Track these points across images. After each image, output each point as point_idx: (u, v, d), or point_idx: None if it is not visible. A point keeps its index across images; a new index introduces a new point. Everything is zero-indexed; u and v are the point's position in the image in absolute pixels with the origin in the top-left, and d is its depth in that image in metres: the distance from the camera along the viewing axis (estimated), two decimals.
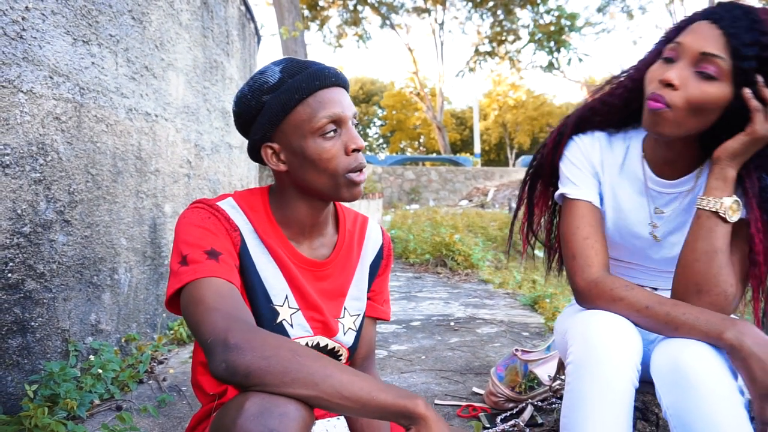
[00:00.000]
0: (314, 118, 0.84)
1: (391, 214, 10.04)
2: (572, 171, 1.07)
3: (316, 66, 0.88)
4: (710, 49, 0.85)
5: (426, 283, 4.21)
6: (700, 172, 1.00)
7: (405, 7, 23.54)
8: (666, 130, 0.90)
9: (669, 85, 0.87)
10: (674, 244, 1.04)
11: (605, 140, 1.09)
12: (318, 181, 0.88)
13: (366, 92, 40.31)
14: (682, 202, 1.03)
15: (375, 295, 1.08)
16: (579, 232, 1.02)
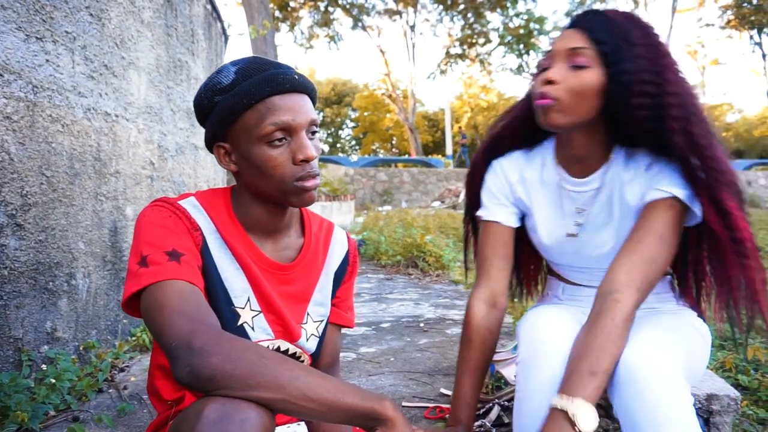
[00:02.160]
0: (261, 125, 0.82)
1: (363, 216, 10.01)
2: (486, 194, 1.17)
3: (273, 70, 0.85)
4: (576, 44, 0.97)
5: (397, 285, 4.20)
6: (608, 167, 1.05)
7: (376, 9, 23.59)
8: (558, 121, 0.98)
9: (550, 83, 0.97)
10: (604, 241, 1.08)
11: (523, 157, 1.17)
12: (265, 187, 0.86)
13: (338, 93, 40.17)
14: (599, 199, 1.07)
15: (340, 302, 1.06)
16: (487, 251, 1.14)
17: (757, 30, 28.55)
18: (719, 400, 1.10)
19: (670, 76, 0.94)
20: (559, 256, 1.16)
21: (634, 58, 0.94)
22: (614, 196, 1.05)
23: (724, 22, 28.84)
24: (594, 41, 0.95)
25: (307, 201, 0.87)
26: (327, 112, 40.26)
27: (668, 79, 0.93)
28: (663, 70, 0.94)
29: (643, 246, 0.93)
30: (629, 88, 0.93)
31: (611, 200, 1.06)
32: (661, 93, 0.93)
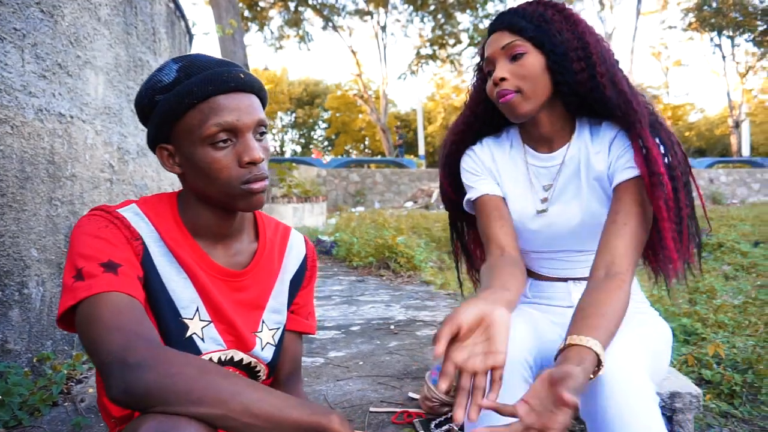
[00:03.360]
0: (204, 126, 0.78)
1: (335, 217, 9.96)
2: (468, 177, 1.19)
3: (217, 68, 0.81)
4: (504, 41, 1.05)
5: (368, 286, 4.18)
6: (573, 140, 1.11)
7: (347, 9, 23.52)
8: (525, 109, 1.04)
9: (502, 80, 1.04)
10: (573, 215, 1.10)
11: (491, 141, 1.21)
12: (211, 191, 0.82)
13: (310, 94, 39.93)
14: (565, 172, 1.11)
15: (299, 309, 1.03)
16: (485, 221, 1.13)
17: (717, 32, 29.52)
18: (682, 398, 1.11)
19: (589, 38, 1.03)
20: (531, 238, 1.16)
21: (558, 32, 1.03)
22: (581, 168, 1.10)
23: (686, 25, 29.75)
24: (518, 32, 1.04)
25: (255, 204, 0.84)
26: (299, 113, 39.99)
27: (590, 42, 1.03)
28: (582, 35, 1.03)
29: (631, 229, 0.96)
30: (566, 56, 1.02)
31: (578, 173, 1.10)
32: (589, 54, 1.02)
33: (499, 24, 1.08)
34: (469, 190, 1.19)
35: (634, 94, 1.03)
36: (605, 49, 1.05)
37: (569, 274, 1.15)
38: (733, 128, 28.29)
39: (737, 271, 4.47)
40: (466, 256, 1.37)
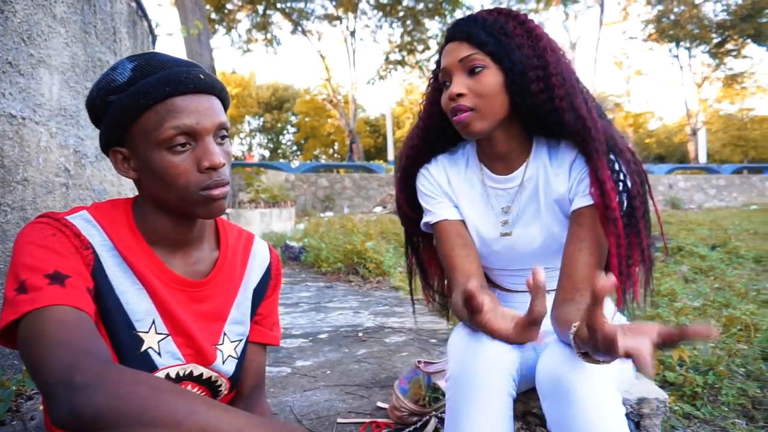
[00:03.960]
0: (160, 129, 0.74)
1: (304, 222, 9.87)
2: (426, 200, 1.15)
3: (175, 68, 0.77)
4: (463, 53, 1.00)
5: (337, 293, 4.13)
6: (530, 161, 1.08)
7: (316, 13, 23.42)
8: (479, 128, 1.00)
9: (459, 95, 0.99)
10: (533, 237, 1.08)
11: (447, 161, 1.17)
12: (168, 197, 0.78)
13: (278, 98, 39.64)
14: (525, 194, 1.08)
15: (262, 319, 0.98)
16: (446, 250, 1.09)
17: (675, 43, 30.68)
18: (649, 404, 1.11)
19: (550, 57, 0.98)
20: (494, 258, 1.14)
21: (518, 48, 0.98)
22: (540, 189, 1.07)
23: (646, 36, 30.84)
24: (477, 45, 0.98)
25: (215, 211, 0.80)
26: (267, 117, 39.65)
27: (549, 61, 0.98)
28: (543, 53, 0.98)
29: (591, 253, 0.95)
30: (525, 76, 0.97)
31: (537, 194, 1.07)
32: (548, 75, 0.97)
33: (458, 33, 1.02)
34: (426, 213, 1.15)
35: (593, 119, 0.98)
36: (566, 69, 1.00)
37: None
38: (691, 136, 29.39)
39: (696, 274, 4.60)
40: (421, 271, 1.34)
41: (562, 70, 0.99)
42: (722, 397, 1.91)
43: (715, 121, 36.44)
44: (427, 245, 1.30)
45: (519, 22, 1.01)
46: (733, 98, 34.13)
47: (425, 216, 1.15)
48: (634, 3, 30.73)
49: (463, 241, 1.09)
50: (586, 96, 1.01)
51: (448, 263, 1.08)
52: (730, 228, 7.91)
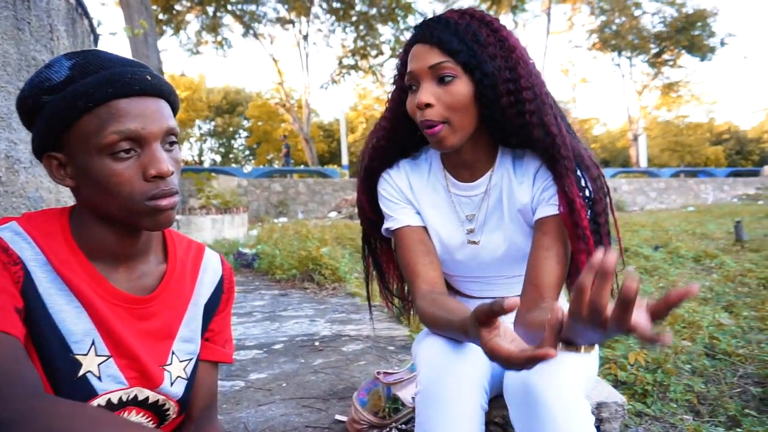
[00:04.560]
0: (102, 133, 0.68)
1: (257, 229, 9.67)
2: (387, 204, 1.12)
3: (119, 68, 0.71)
4: (433, 60, 0.95)
5: (292, 301, 4.04)
6: (495, 169, 1.06)
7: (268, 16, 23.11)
8: (452, 142, 0.97)
9: (427, 105, 0.95)
10: (497, 245, 1.07)
11: (409, 166, 1.14)
12: (110, 207, 0.72)
13: (230, 102, 38.89)
14: (489, 202, 1.07)
15: (214, 336, 0.93)
16: (407, 257, 1.06)
17: (617, 52, 32.18)
18: (608, 407, 1.12)
19: (521, 70, 0.96)
20: (456, 265, 1.13)
21: (491, 59, 0.95)
22: (503, 198, 1.05)
23: (591, 45, 32.17)
24: (449, 53, 0.94)
25: (162, 223, 0.74)
26: (218, 121, 38.83)
27: (521, 74, 0.95)
28: (516, 66, 0.96)
29: (555, 262, 0.95)
30: (496, 89, 0.95)
31: (500, 203, 1.06)
32: (519, 89, 0.95)
33: (428, 37, 0.96)
34: (387, 218, 1.12)
35: (563, 135, 0.96)
36: (537, 83, 0.97)
37: (497, 294, 1.13)
38: (633, 141, 30.85)
39: (642, 274, 4.78)
40: (379, 274, 1.30)
41: (534, 83, 0.96)
42: (671, 393, 1.97)
43: (655, 127, 38.45)
44: (386, 248, 1.28)
45: (492, 30, 0.97)
46: (670, 106, 36.15)
47: (386, 221, 1.12)
48: (579, 13, 32.00)
49: (425, 248, 1.07)
50: (556, 111, 0.99)
51: (411, 270, 1.05)
52: (670, 229, 8.29)
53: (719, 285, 3.97)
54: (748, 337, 2.64)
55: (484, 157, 1.06)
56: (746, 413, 1.83)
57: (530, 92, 0.95)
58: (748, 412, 1.83)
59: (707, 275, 4.52)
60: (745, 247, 6.10)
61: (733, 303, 3.44)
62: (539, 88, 0.97)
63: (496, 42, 0.96)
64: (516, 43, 0.98)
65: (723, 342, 2.47)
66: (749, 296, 3.62)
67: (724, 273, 4.45)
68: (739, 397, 1.99)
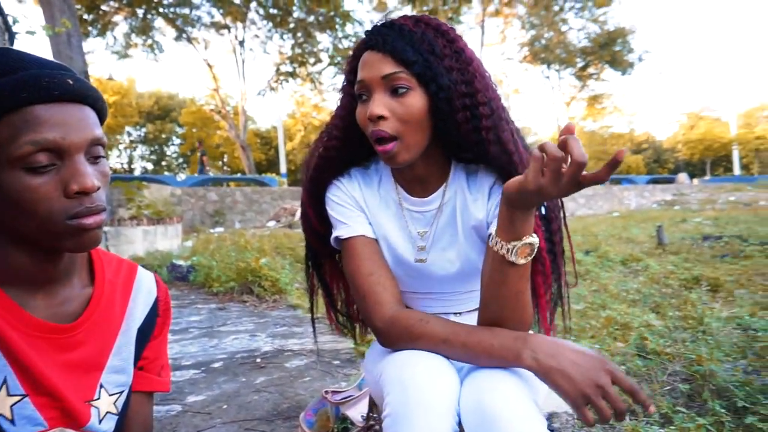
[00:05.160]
0: (15, 144, 0.60)
1: (192, 239, 9.30)
2: (339, 211, 1.05)
3: (37, 69, 0.63)
4: (387, 70, 0.90)
5: (231, 315, 3.89)
6: (449, 184, 1.03)
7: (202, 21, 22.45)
8: (404, 158, 0.93)
9: (380, 118, 0.90)
10: (450, 263, 1.04)
11: (360, 176, 1.09)
12: (24, 226, 0.64)
13: (162, 107, 37.49)
14: (442, 218, 1.03)
15: (149, 363, 0.85)
16: (361, 269, 0.98)
17: (547, 65, 33.86)
18: (559, 418, 1.13)
19: (478, 84, 0.92)
20: (406, 281, 1.09)
21: (447, 72, 0.90)
22: (457, 214, 1.02)
23: (522, 57, 33.65)
24: (404, 64, 0.90)
25: (87, 244, 0.66)
26: (150, 127, 37.32)
27: (478, 88, 0.92)
28: (472, 79, 0.92)
29: None
30: (451, 104, 0.91)
31: (454, 219, 1.03)
32: (476, 104, 0.91)
33: (381, 45, 0.91)
34: (339, 226, 1.04)
35: (520, 153, 0.93)
36: (493, 97, 0.94)
37: (448, 310, 1.11)
38: None
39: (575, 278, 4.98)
40: (325, 291, 1.24)
41: (491, 98, 0.93)
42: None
43: (581, 136, 40.61)
44: (332, 262, 1.22)
45: (448, 41, 0.93)
46: (596, 116, 38.35)
47: (337, 229, 1.03)
48: (511, 27, 33.35)
49: (382, 261, 1.01)
50: (512, 126, 0.96)
51: (368, 283, 0.97)
52: (599, 234, 8.71)
53: (645, 287, 4.19)
54: (673, 336, 2.79)
55: (437, 171, 1.03)
56: (677, 410, 1.91)
57: (487, 107, 0.92)
58: (679, 409, 1.92)
59: (634, 278, 4.76)
60: (666, 250, 6.50)
61: (659, 304, 3.63)
62: (496, 103, 0.94)
63: (452, 53, 0.92)
64: (472, 54, 0.95)
65: (652, 342, 2.59)
66: (673, 297, 3.84)
67: (649, 275, 4.71)
68: (669, 395, 2.08)
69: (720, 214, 13.22)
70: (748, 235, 7.30)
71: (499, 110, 0.94)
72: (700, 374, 2.17)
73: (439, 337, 0.86)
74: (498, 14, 32.43)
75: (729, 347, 2.54)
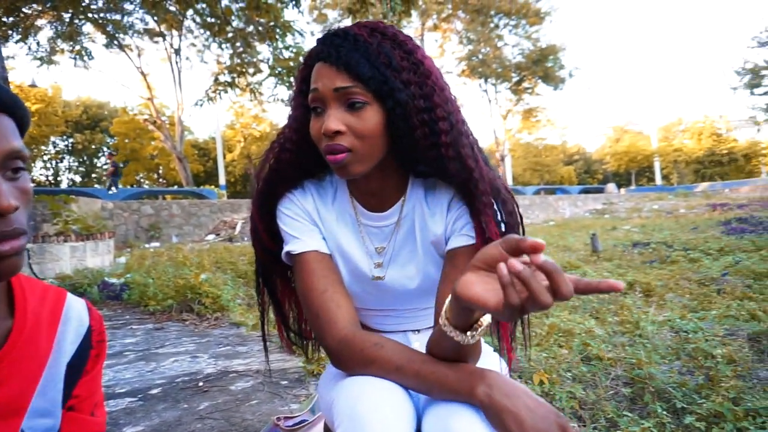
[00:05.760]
0: None
1: (126, 255, 8.85)
2: (291, 225, 0.99)
3: None
4: (341, 84, 0.86)
5: (169, 335, 3.69)
6: (406, 199, 0.99)
7: (135, 28, 21.59)
8: (357, 170, 0.89)
9: (336, 133, 0.86)
10: (409, 279, 1.01)
11: (315, 188, 1.04)
12: None
13: (91, 117, 35.75)
14: (400, 233, 1.00)
15: (80, 402, 0.76)
16: (314, 286, 0.93)
17: (484, 79, 35.06)
18: None
19: (437, 98, 0.89)
20: (363, 298, 1.05)
21: (405, 86, 0.86)
22: (416, 229, 0.99)
23: (460, 71, 34.71)
24: (360, 78, 0.85)
25: (3, 273, 0.58)
26: (78, 138, 35.43)
27: (437, 103, 0.88)
28: (431, 93, 0.88)
29: None
30: (409, 120, 0.87)
31: (413, 234, 1.00)
32: (434, 119, 0.88)
33: (335, 57, 0.86)
34: (291, 241, 0.98)
35: (480, 169, 0.90)
36: (453, 110, 0.90)
37: (406, 327, 1.08)
38: (500, 161, 33.53)
39: None
40: (277, 310, 1.17)
41: (450, 112, 0.89)
42: (556, 402, 2.07)
43: (518, 148, 42.39)
44: (283, 278, 1.15)
45: (406, 52, 0.88)
46: (530, 129, 39.99)
47: (289, 244, 0.98)
48: (449, 42, 34.30)
49: (337, 277, 0.96)
50: (472, 141, 0.93)
51: (321, 301, 0.92)
52: None
53: None
54: (613, 341, 2.89)
55: (394, 185, 0.99)
56: (622, 414, 1.97)
57: (446, 123, 0.88)
58: (623, 413, 1.98)
59: None
60: (600, 257, 6.80)
61: (598, 309, 3.77)
62: (455, 117, 0.90)
63: (410, 66, 0.88)
64: (431, 66, 0.91)
65: (594, 347, 2.67)
66: (610, 302, 4.00)
67: None
68: (613, 399, 2.14)
69: (646, 221, 14.05)
70: (672, 241, 7.77)
71: (459, 124, 0.91)
72: (641, 377, 2.25)
73: (393, 364, 0.82)
74: (437, 29, 33.30)
75: (664, 350, 2.66)
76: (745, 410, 1.88)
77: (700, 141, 44.42)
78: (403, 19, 8.99)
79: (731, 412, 1.87)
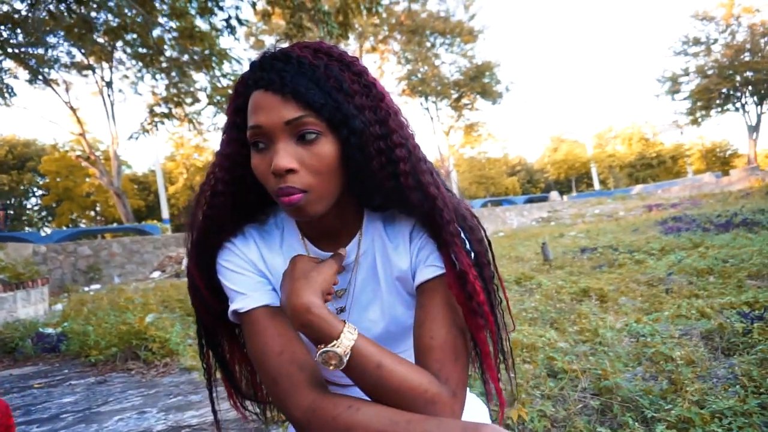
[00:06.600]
0: None
1: (63, 302, 8.27)
2: (234, 280, 0.87)
3: None
4: (290, 115, 0.75)
5: (113, 389, 3.40)
6: (362, 235, 0.91)
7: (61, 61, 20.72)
8: (315, 210, 0.80)
9: (289, 171, 0.76)
10: (374, 322, 0.92)
11: (257, 233, 0.92)
12: None
13: (18, 156, 33.88)
14: (359, 273, 0.92)
15: None
16: (269, 347, 0.81)
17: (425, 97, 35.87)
18: None
19: (392, 123, 0.81)
20: None
21: (359, 111, 0.78)
22: (378, 266, 0.90)
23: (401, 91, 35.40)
24: (310, 107, 0.76)
25: None
26: (4, 179, 33.41)
27: (393, 128, 0.81)
28: (386, 118, 0.81)
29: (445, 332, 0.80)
30: (364, 150, 0.79)
31: (374, 272, 0.90)
32: (391, 146, 0.80)
33: (279, 85, 0.76)
34: (237, 298, 0.86)
35: (443, 196, 0.84)
36: (408, 135, 0.84)
37: None
38: (447, 176, 34.21)
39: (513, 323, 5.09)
40: (226, 373, 1.03)
41: (406, 137, 0.82)
42: (528, 424, 2.02)
43: (462, 163, 43.38)
44: (231, 338, 1.01)
45: (355, 74, 0.80)
46: (473, 143, 41.09)
47: (234, 302, 0.86)
48: (388, 62, 34.89)
49: (294, 334, 0.84)
50: (430, 167, 0.86)
51: (279, 363, 0.80)
52: None
53: (542, 304, 4.37)
54: (576, 350, 2.89)
55: (350, 221, 0.90)
56: (594, 429, 1.94)
57: (403, 149, 0.81)
58: (595, 426, 1.95)
59: (530, 296, 4.96)
60: (552, 265, 6.92)
61: (556, 319, 3.79)
62: (411, 142, 0.83)
63: (362, 89, 0.80)
64: (383, 89, 0.83)
65: (559, 360, 2.65)
66: (567, 311, 4.03)
67: (542, 292, 4.94)
68: (583, 413, 2.11)
69: (590, 226, 14.54)
70: (617, 244, 8.04)
71: (416, 150, 0.83)
72: (608, 388, 2.24)
73: (373, 428, 0.72)
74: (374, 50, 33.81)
75: (626, 357, 2.68)
76: (711, 413, 1.89)
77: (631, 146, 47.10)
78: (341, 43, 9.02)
79: (698, 416, 1.87)
